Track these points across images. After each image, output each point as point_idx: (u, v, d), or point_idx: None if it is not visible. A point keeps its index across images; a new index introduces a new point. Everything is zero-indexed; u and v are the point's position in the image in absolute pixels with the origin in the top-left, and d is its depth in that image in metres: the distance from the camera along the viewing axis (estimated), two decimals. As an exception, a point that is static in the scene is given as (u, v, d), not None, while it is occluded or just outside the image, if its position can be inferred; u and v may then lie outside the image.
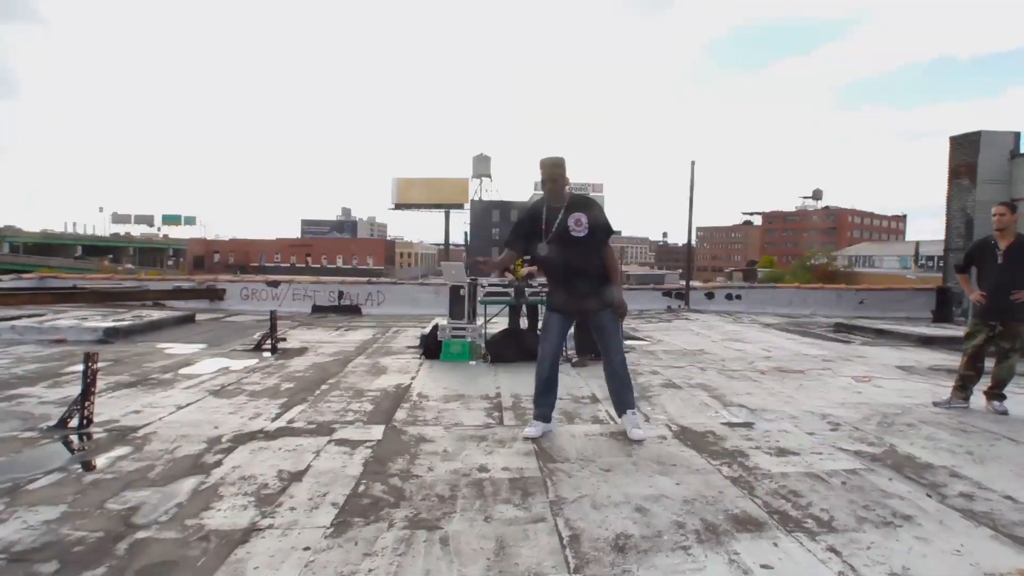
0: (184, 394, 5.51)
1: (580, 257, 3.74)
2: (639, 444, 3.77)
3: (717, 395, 5.60)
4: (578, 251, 3.73)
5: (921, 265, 67.00)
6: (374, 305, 13.64)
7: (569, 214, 3.74)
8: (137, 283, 13.56)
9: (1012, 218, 5.09)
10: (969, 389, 5.18)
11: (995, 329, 5.07)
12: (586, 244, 3.74)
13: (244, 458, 3.81)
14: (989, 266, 5.13)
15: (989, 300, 5.07)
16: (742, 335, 10.14)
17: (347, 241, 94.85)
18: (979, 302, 5.18)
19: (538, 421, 4.00)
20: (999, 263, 5.05)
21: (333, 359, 7.57)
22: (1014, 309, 4.95)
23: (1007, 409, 4.97)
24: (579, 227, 3.72)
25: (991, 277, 5.08)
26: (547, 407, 4.02)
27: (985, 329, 5.14)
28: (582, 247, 3.73)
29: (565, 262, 3.75)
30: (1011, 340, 5.01)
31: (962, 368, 5.23)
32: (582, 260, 3.75)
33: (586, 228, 3.73)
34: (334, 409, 5.04)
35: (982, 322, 5.18)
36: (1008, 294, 4.93)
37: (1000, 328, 5.04)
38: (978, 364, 5.14)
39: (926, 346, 9.20)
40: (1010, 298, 4.91)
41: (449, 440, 3.87)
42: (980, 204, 13.94)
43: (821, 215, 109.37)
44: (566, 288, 3.82)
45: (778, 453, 3.66)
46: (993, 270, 5.07)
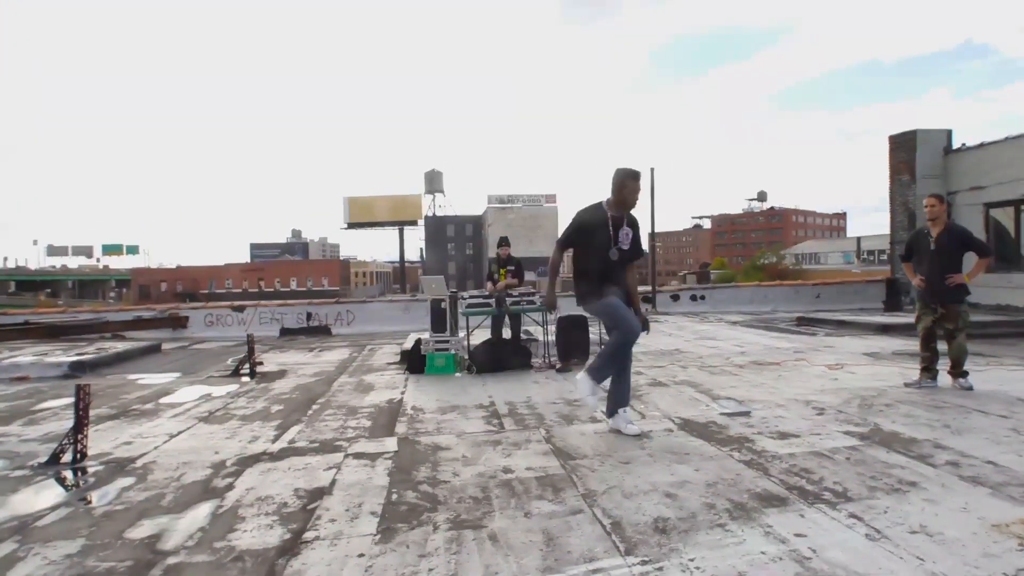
0: (172, 423, 5.39)
1: (623, 263, 4.12)
2: (648, 438, 3.92)
3: (704, 390, 5.80)
4: (623, 259, 4.11)
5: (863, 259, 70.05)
6: (344, 325, 13.51)
7: (624, 227, 4.10)
8: (95, 315, 13.07)
9: (941, 208, 5.46)
10: (933, 369, 5.51)
11: (937, 311, 5.42)
12: (627, 255, 4.13)
13: (255, 480, 3.78)
14: (924, 254, 5.50)
15: (927, 285, 5.43)
16: (713, 333, 10.47)
17: (300, 263, 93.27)
18: (919, 287, 5.54)
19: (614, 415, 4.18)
20: (932, 250, 5.42)
21: (316, 379, 7.50)
22: (949, 292, 5.30)
23: (971, 384, 5.31)
24: (626, 240, 4.10)
25: (926, 264, 5.44)
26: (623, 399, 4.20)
27: (929, 312, 5.49)
28: (624, 257, 4.12)
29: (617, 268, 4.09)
30: (952, 321, 5.34)
31: (920, 351, 5.57)
32: (623, 267, 4.13)
33: (629, 242, 4.13)
34: (332, 427, 5.02)
35: (925, 306, 5.54)
36: (942, 279, 5.28)
37: (942, 311, 5.39)
38: (931, 345, 5.49)
39: (884, 333, 9.69)
40: (944, 282, 5.27)
41: (464, 447, 3.93)
42: (920, 198, 14.72)
43: (767, 216, 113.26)
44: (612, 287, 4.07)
45: (780, 437, 3.86)
46: (927, 257, 5.44)
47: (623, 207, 4.09)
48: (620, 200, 4.09)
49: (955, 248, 5.35)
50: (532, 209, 78.93)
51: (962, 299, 5.35)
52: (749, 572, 2.16)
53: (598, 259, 4.05)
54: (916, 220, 14.80)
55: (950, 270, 5.29)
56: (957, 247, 5.35)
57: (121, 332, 12.58)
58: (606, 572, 2.19)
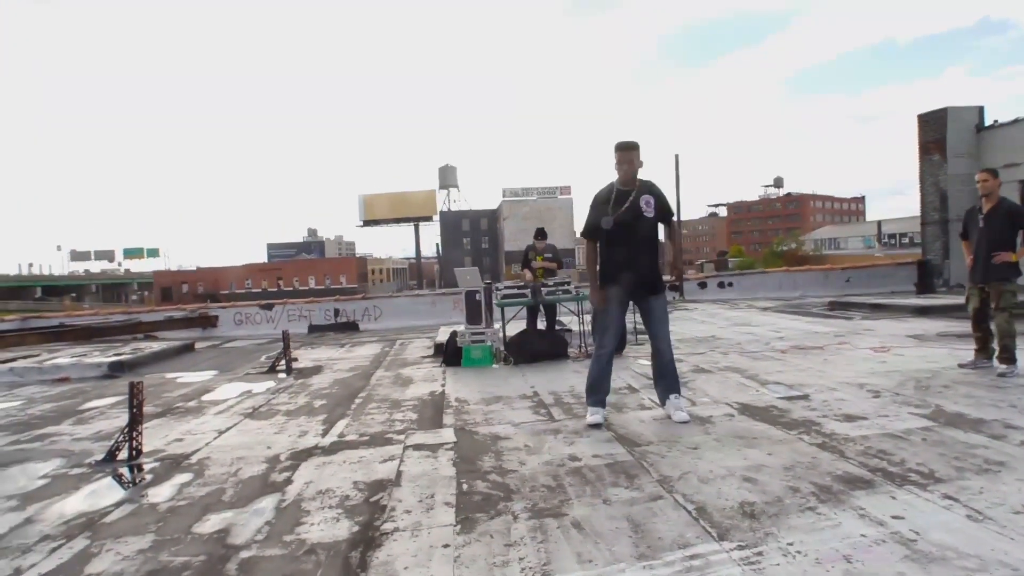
0: (219, 419, 5.41)
1: (647, 234, 3.95)
2: (711, 423, 3.84)
3: (750, 376, 5.70)
4: (646, 229, 3.94)
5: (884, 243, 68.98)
6: (371, 320, 13.54)
7: (640, 195, 3.96)
8: (127, 316, 13.22)
9: (995, 183, 5.27)
10: (988, 348, 5.34)
11: (984, 291, 5.24)
12: (653, 224, 3.97)
13: (312, 474, 3.76)
14: (974, 230, 5.33)
15: (974, 263, 5.26)
16: (746, 319, 10.34)
17: (317, 261, 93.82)
18: (969, 266, 5.38)
19: (597, 408, 4.07)
20: (980, 227, 5.25)
21: (353, 374, 7.50)
22: (993, 269, 5.11)
23: (1013, 371, 4.97)
24: (648, 207, 3.94)
25: (975, 240, 5.27)
26: (604, 393, 4.12)
27: (976, 291, 5.32)
28: (650, 226, 3.95)
29: (635, 238, 3.91)
30: (995, 300, 5.14)
31: (972, 331, 5.41)
32: (649, 237, 3.96)
33: (653, 209, 3.96)
34: (379, 420, 5.00)
35: (973, 285, 5.37)
36: (989, 256, 5.11)
37: (987, 290, 5.21)
38: (983, 325, 5.31)
39: (924, 315, 9.49)
40: (991, 259, 5.09)
41: (524, 436, 3.88)
42: (952, 178, 14.47)
43: (784, 202, 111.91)
44: (630, 264, 3.92)
45: (847, 419, 3.77)
46: (976, 234, 5.27)
47: (623, 180, 3.98)
48: (621, 172, 3.98)
49: (1004, 225, 5.16)
50: (546, 201, 78.59)
51: (1007, 277, 5.14)
52: (855, 555, 2.09)
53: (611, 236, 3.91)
54: (948, 200, 14.52)
55: (998, 247, 5.11)
56: (1006, 224, 5.17)
57: (153, 333, 12.71)
58: (704, 558, 2.13)
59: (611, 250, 3.98)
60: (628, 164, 3.96)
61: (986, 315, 5.28)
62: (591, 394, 4.16)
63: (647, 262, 3.96)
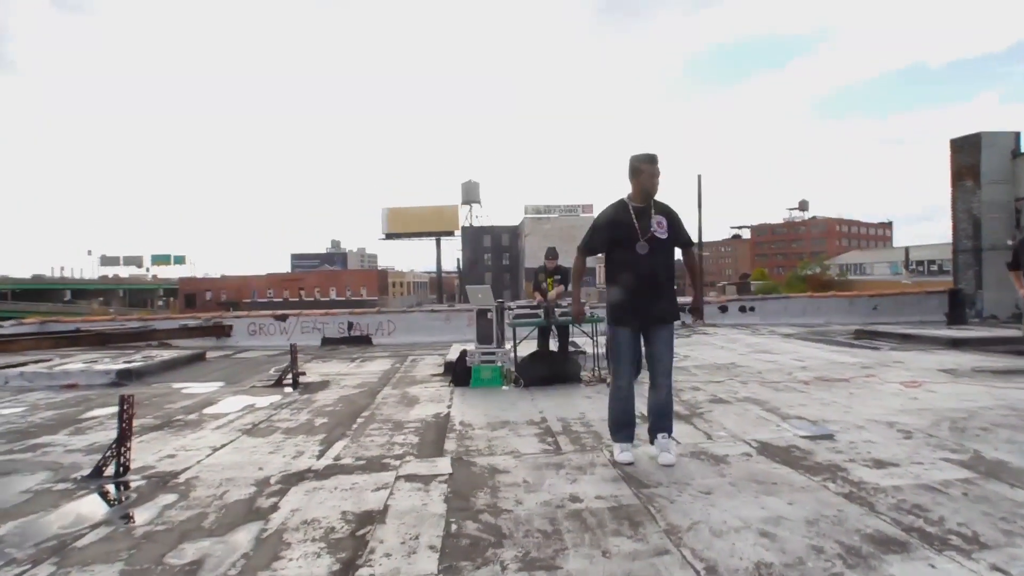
0: (216, 435, 5.25)
1: (663, 259, 3.64)
2: (727, 464, 3.56)
3: (770, 408, 5.40)
4: (661, 254, 3.63)
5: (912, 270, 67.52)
6: (385, 335, 13.39)
7: (654, 216, 3.64)
8: (142, 323, 13.26)
9: None
10: None
11: None
12: (668, 248, 3.66)
13: (300, 500, 3.56)
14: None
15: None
16: (767, 346, 9.98)
17: (339, 273, 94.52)
18: (1023, 297, 5.04)
19: (624, 443, 3.73)
20: None
21: (359, 391, 7.32)
22: None
23: None
24: (661, 229, 3.62)
25: None
26: (631, 427, 3.79)
27: None
28: (664, 250, 3.64)
29: (652, 264, 3.60)
30: None
31: None
32: (664, 263, 3.65)
33: (666, 231, 3.64)
34: (378, 443, 4.80)
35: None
36: None
37: None
38: None
39: (956, 348, 9.06)
40: None
41: (524, 470, 3.64)
42: (986, 204, 13.99)
43: (809, 225, 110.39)
44: (643, 293, 3.60)
45: (877, 465, 3.46)
46: None
47: (645, 196, 3.65)
48: (639, 188, 3.66)
49: None
50: (569, 219, 78.44)
51: None
52: (887, 638, 1.83)
53: (626, 259, 3.60)
54: (982, 227, 14.02)
55: None
56: None
57: (167, 340, 12.70)
58: (711, 632, 1.88)
59: (621, 274, 3.66)
60: (653, 178, 3.64)
61: None
62: (617, 431, 3.80)
63: (659, 287, 3.62)
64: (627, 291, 3.62)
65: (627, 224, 3.59)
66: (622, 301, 3.66)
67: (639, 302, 3.61)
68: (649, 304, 3.61)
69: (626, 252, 3.61)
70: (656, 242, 3.60)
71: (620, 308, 3.68)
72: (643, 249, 3.55)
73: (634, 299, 3.61)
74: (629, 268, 3.62)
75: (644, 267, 3.59)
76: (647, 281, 3.59)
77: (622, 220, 3.62)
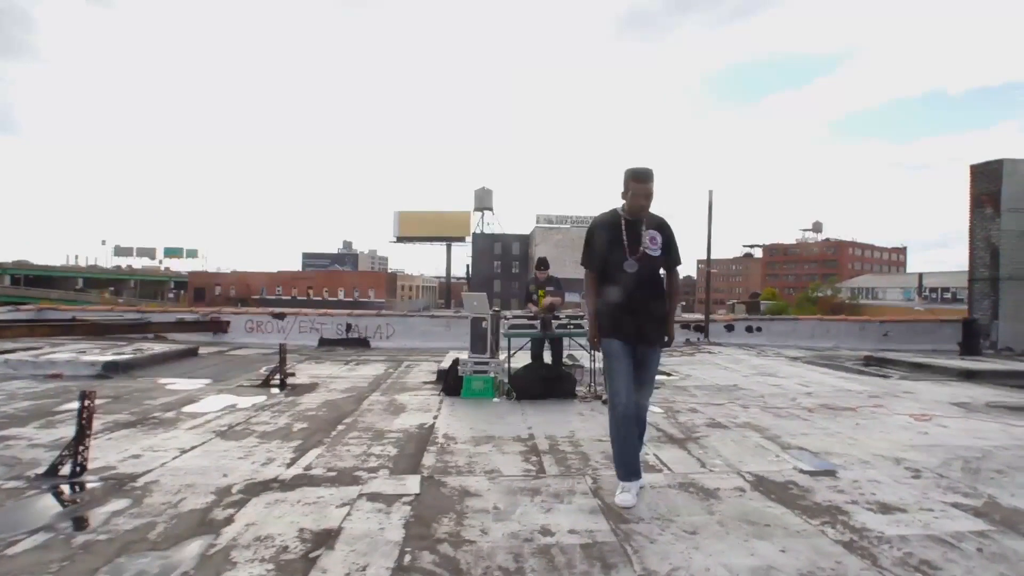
0: (188, 435, 5.04)
1: (652, 277, 3.42)
2: (717, 499, 3.27)
3: (770, 436, 5.12)
4: (650, 270, 3.41)
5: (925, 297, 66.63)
6: (383, 338, 13.17)
7: (647, 231, 3.43)
8: (139, 315, 13.13)
9: None
10: None
11: None
12: (657, 265, 3.45)
13: (259, 513, 3.33)
14: None
15: None
16: (772, 369, 9.66)
17: (348, 274, 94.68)
18: None
19: (632, 481, 3.37)
20: None
21: (346, 396, 7.10)
22: None
23: None
24: (654, 245, 3.41)
25: None
26: (636, 460, 3.42)
27: None
28: (653, 267, 3.43)
29: (639, 281, 3.37)
30: None
31: None
32: (652, 280, 3.42)
33: (659, 248, 3.43)
34: (354, 453, 4.57)
35: None
36: None
37: None
38: None
39: (970, 380, 8.71)
40: None
41: (497, 494, 3.38)
42: (1005, 233, 13.61)
43: (822, 247, 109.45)
44: (636, 311, 3.38)
45: (882, 509, 3.17)
46: None
47: (635, 212, 3.43)
48: (628, 204, 3.44)
49: None
50: (580, 230, 77.84)
51: None
52: None
53: (614, 277, 3.39)
54: (1000, 256, 13.64)
55: None
56: None
57: (163, 334, 12.55)
58: None
59: (610, 290, 3.44)
60: (646, 196, 3.41)
61: None
62: (618, 466, 3.42)
63: (649, 306, 3.40)
64: (613, 310, 3.43)
65: (616, 240, 3.39)
66: (609, 318, 3.45)
67: (625, 322, 3.40)
68: (636, 325, 3.39)
69: (614, 270, 3.40)
70: (646, 260, 3.39)
71: (609, 322, 3.46)
72: (631, 268, 3.35)
73: (621, 319, 3.40)
74: (616, 286, 3.41)
75: (631, 286, 3.37)
76: (636, 302, 3.37)
77: (612, 235, 3.42)
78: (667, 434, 5.22)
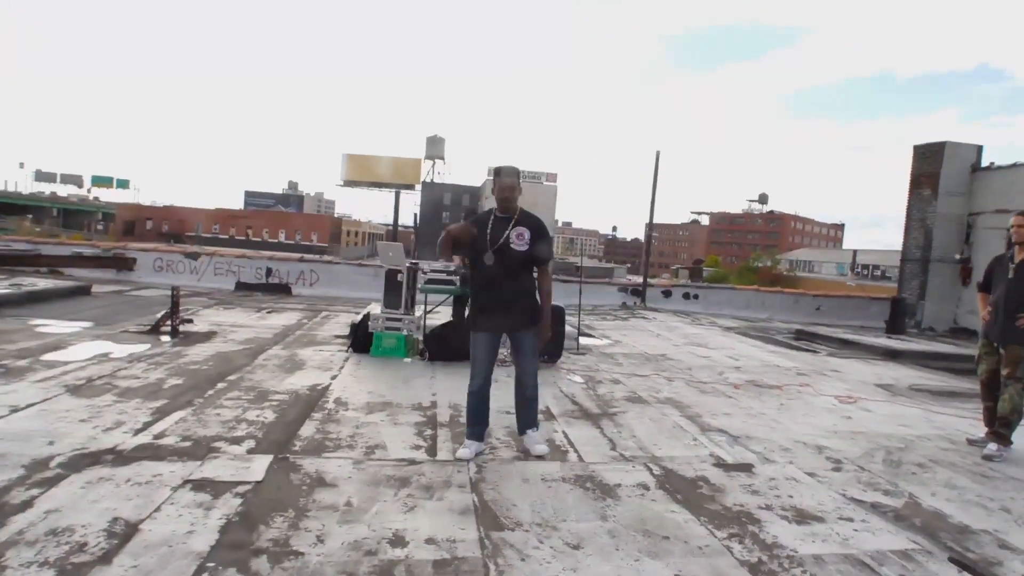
0: (32, 390, 4.32)
1: (516, 271, 3.57)
2: (615, 499, 2.83)
3: (691, 415, 4.79)
4: (515, 265, 3.55)
5: (857, 272, 69.35)
6: (306, 285, 12.38)
7: (515, 227, 3.56)
8: (30, 246, 11.86)
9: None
10: None
11: (999, 352, 4.35)
12: (524, 259, 3.57)
13: (70, 495, 2.73)
14: (1000, 281, 4.41)
15: (992, 318, 4.36)
16: (704, 339, 9.46)
17: (291, 215, 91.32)
18: (984, 319, 4.49)
19: (473, 441, 3.62)
20: (1009, 277, 4.33)
21: (243, 348, 6.42)
22: (1013, 331, 4.21)
23: (998, 454, 4.13)
24: (520, 241, 3.55)
25: (1000, 293, 4.36)
26: (482, 426, 3.69)
27: (993, 352, 4.41)
28: (519, 261, 3.56)
29: (502, 274, 3.52)
30: (1010, 366, 4.22)
31: (982, 399, 4.49)
32: (517, 274, 3.57)
33: (527, 243, 3.55)
34: (224, 419, 3.97)
35: (987, 343, 4.47)
36: (1012, 312, 4.20)
37: (1002, 351, 4.31)
38: (995, 394, 4.39)
39: (894, 360, 8.72)
40: (1014, 321, 4.19)
41: (358, 484, 2.84)
42: (940, 216, 13.75)
43: (765, 219, 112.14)
44: (496, 302, 3.56)
45: (797, 517, 2.79)
46: (1003, 285, 4.36)
47: (503, 207, 3.63)
48: (501, 199, 3.65)
49: None
50: (532, 185, 77.13)
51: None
52: None
53: (479, 266, 3.60)
54: (933, 239, 13.82)
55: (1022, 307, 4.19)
56: None
57: (59, 268, 11.40)
58: None
59: (479, 282, 3.64)
60: (509, 192, 3.60)
61: (999, 382, 4.34)
62: (468, 425, 3.71)
63: (510, 294, 3.55)
64: (477, 300, 3.66)
65: (482, 234, 3.55)
66: (475, 308, 3.67)
67: (488, 312, 3.59)
68: (498, 315, 3.57)
69: (478, 262, 3.59)
70: (508, 253, 3.52)
71: (475, 313, 3.67)
72: (489, 260, 3.52)
73: (485, 310, 3.60)
74: (478, 277, 3.63)
75: (488, 278, 3.55)
76: (494, 293, 3.55)
77: (479, 230, 3.57)
78: (583, 408, 4.82)
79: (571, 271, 29.00)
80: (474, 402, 3.64)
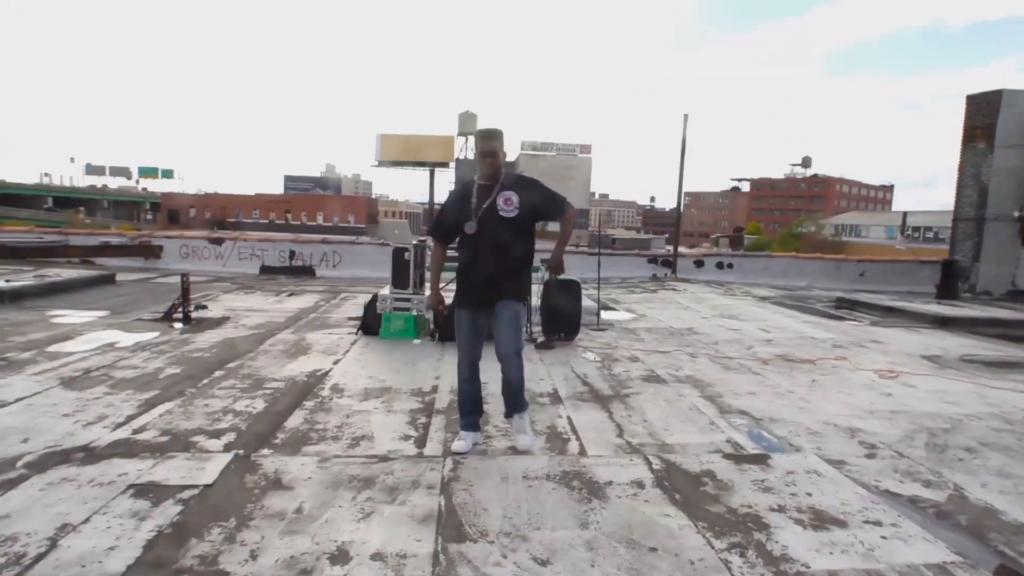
0: (26, 383, 4.24)
1: (505, 240, 3.22)
2: (603, 500, 2.51)
3: (711, 395, 4.42)
4: (505, 233, 3.22)
5: (907, 235, 66.42)
6: (329, 267, 12.29)
7: (500, 192, 3.26)
8: (60, 237, 12.06)
9: None
10: None
11: None
12: (514, 225, 3.24)
13: (27, 498, 2.58)
14: None
15: None
16: (736, 310, 8.97)
17: (328, 198, 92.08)
18: None
19: (467, 432, 3.36)
20: None
21: (252, 333, 6.30)
22: None
23: None
24: (508, 206, 3.24)
25: None
26: (475, 415, 3.43)
27: None
28: (510, 229, 3.23)
29: (490, 243, 3.21)
30: None
31: None
32: (506, 243, 3.23)
33: (516, 207, 3.24)
34: (212, 409, 3.81)
35: None
36: None
37: None
38: None
39: (944, 328, 8.07)
40: None
41: (316, 485, 2.60)
42: (997, 171, 12.74)
43: (809, 183, 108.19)
44: (482, 273, 3.27)
45: (815, 521, 2.42)
46: None
47: (487, 174, 3.31)
48: (483, 164, 3.33)
49: None
50: (565, 158, 75.93)
51: None
52: None
53: (462, 239, 3.34)
54: (988, 196, 12.84)
55: None
56: None
57: (89, 258, 11.57)
58: None
59: (464, 255, 3.36)
60: (492, 156, 3.27)
61: None
62: (460, 415, 3.45)
63: (495, 266, 3.25)
64: (461, 271, 3.38)
65: (465, 204, 3.29)
66: (459, 282, 3.40)
67: (470, 283, 3.31)
68: (481, 286, 3.28)
69: (463, 232, 3.29)
70: (495, 220, 3.21)
71: (459, 288, 3.40)
72: (471, 229, 3.25)
73: (468, 283, 3.33)
74: (462, 248, 3.36)
75: (471, 248, 3.28)
76: (477, 263, 3.27)
77: (462, 200, 3.32)
78: (593, 389, 4.51)
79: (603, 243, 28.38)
80: (464, 390, 3.40)
